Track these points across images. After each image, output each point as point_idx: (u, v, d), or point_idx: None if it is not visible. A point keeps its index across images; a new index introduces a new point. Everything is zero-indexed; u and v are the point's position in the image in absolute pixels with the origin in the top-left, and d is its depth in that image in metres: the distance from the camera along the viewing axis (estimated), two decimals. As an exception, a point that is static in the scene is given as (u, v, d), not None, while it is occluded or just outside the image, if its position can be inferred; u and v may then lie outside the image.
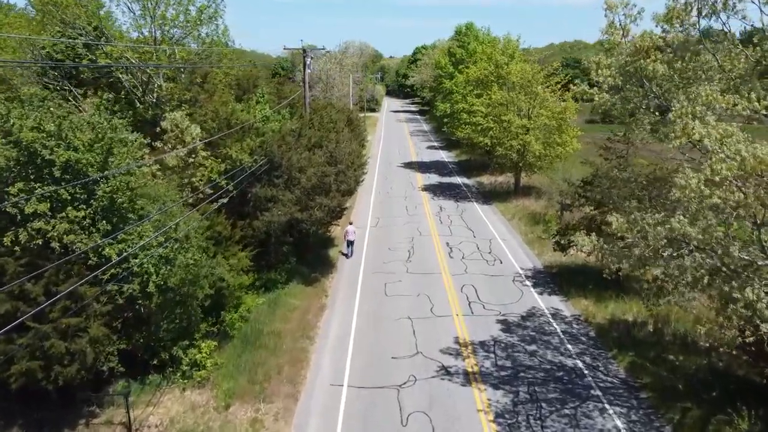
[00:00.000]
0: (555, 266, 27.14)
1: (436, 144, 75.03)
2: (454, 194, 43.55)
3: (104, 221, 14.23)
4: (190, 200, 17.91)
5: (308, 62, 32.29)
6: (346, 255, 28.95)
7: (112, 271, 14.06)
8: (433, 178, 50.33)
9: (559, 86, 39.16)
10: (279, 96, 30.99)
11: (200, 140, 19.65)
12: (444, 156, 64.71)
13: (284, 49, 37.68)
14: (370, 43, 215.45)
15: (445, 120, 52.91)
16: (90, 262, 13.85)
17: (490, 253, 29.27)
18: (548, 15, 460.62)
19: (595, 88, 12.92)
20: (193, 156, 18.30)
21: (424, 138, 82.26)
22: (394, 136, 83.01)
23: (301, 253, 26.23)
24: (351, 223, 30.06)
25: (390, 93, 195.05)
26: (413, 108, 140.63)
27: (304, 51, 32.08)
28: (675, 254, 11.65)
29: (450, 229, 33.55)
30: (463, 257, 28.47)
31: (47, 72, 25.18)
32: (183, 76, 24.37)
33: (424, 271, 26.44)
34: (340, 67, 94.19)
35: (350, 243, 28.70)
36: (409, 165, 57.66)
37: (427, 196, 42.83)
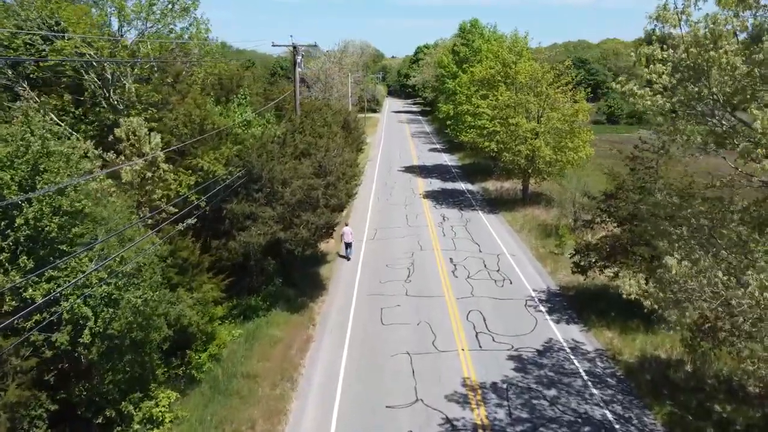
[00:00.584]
0: (571, 288, 24.31)
1: (438, 146, 72.25)
2: (458, 202, 40.73)
3: (27, 255, 11.46)
4: (149, 222, 15.13)
5: (299, 60, 29.52)
6: (344, 257, 28.21)
7: (37, 316, 11.31)
8: (436, 184, 47.54)
9: (570, 86, 36.29)
10: (266, 97, 28.19)
11: (162, 150, 16.87)
12: (446, 159, 61.94)
13: (272, 45, 34.54)
14: (371, 43, 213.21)
15: (448, 123, 50.05)
16: (6, 307, 11.09)
17: (498, 271, 26.44)
18: (548, 15, 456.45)
19: (647, 89, 10.14)
20: (154, 169, 15.55)
21: (426, 140, 79.51)
22: (395, 138, 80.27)
23: (287, 272, 23.46)
24: (347, 225, 29.29)
25: (392, 93, 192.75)
26: (415, 108, 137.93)
27: (294, 48, 29.30)
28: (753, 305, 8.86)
29: (453, 243, 30.75)
30: (468, 276, 25.65)
31: (4, 71, 22.41)
32: (156, 75, 21.59)
33: (426, 294, 23.64)
34: (339, 66, 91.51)
35: (348, 245, 28.21)
36: (410, 169, 54.90)
37: (428, 203, 40.04)
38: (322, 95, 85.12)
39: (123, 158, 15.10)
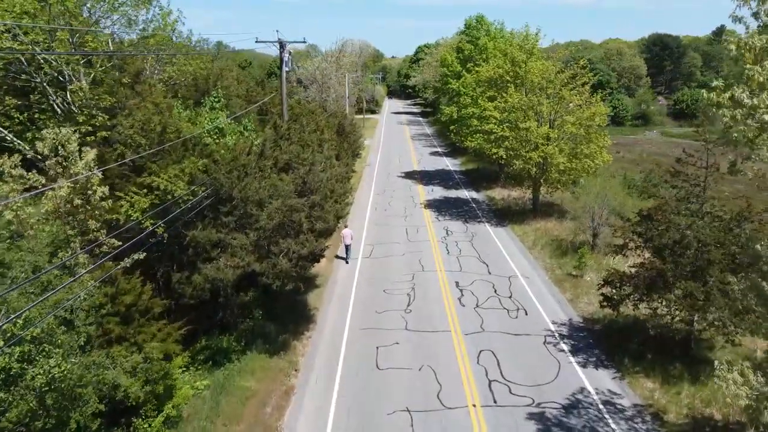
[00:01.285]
0: (596, 320, 21.13)
1: (439, 150, 69.09)
2: (462, 213, 37.52)
3: None
4: (82, 260, 11.95)
5: (286, 58, 26.33)
6: (343, 258, 27.95)
7: None
8: (437, 192, 44.35)
9: (587, 87, 33.09)
10: (249, 99, 25.01)
11: (112, 164, 13.70)
12: (449, 164, 58.78)
13: (256, 42, 30.83)
14: (370, 42, 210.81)
15: (452, 127, 46.65)
16: None
17: (510, 297, 23.24)
18: (549, 15, 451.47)
19: (762, 97, 7.02)
20: (89, 193, 12.38)
21: (426, 143, 76.36)
22: (394, 141, 77.11)
23: (269, 301, 20.27)
24: (346, 227, 28.67)
25: (392, 93, 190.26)
26: (415, 109, 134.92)
27: (281, 45, 26.09)
28: None
29: (459, 262, 27.53)
30: (477, 304, 22.45)
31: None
32: (113, 74, 18.40)
33: (428, 328, 20.44)
34: (337, 66, 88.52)
35: (347, 247, 27.95)
36: (410, 175, 51.70)
37: (430, 215, 36.83)
38: (318, 96, 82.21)
39: (46, 180, 11.94)
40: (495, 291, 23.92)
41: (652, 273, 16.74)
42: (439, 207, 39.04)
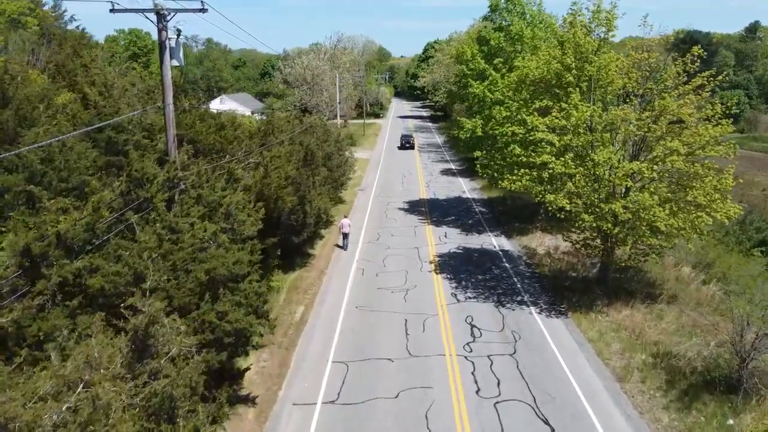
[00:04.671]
0: None
1: (453, 166, 56.44)
2: (493, 282, 24.80)
3: None
4: None
5: (172, 41, 13.85)
6: (341, 247, 28.56)
7: None
8: (453, 237, 31.66)
9: (705, 93, 20.31)
10: (88, 123, 12.47)
11: None
12: (465, 187, 46.19)
13: (111, 11, 16.78)
14: (375, 39, 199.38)
15: (479, 153, 32.82)
16: None
17: None
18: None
19: None
20: None
21: (437, 156, 63.71)
22: (398, 154, 64.48)
23: None
24: (346, 217, 29.95)
25: (400, 95, 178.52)
26: (424, 113, 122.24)
27: (159, 16, 13.54)
28: None
29: (499, 418, 14.85)
30: None
31: None
32: None
33: None
34: (332, 65, 76.52)
35: (345, 235, 28.50)
36: (415, 207, 39.08)
37: (444, 287, 24.13)
38: (309, 99, 70.07)
39: None
40: None
41: None
42: (458, 270, 26.33)
